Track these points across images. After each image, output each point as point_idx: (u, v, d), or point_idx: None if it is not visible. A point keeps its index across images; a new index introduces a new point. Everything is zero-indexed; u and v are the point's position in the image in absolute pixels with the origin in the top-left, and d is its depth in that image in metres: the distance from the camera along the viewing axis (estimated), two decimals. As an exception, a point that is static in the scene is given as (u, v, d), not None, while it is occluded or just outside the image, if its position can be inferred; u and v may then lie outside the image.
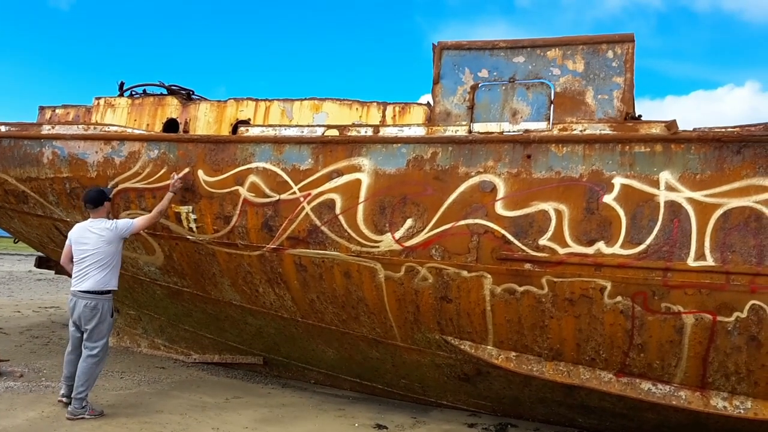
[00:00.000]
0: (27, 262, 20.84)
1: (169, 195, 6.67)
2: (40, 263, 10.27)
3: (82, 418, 5.92)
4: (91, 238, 6.14)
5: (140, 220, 6.48)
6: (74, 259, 6.19)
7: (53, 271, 10.25)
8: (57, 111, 9.35)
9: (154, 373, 7.90)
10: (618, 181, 5.40)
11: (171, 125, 8.24)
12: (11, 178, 7.96)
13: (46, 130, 7.74)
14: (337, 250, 6.31)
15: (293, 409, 6.85)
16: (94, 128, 7.60)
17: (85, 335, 6.11)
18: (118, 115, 8.72)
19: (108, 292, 6.13)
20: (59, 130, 7.69)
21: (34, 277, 17.22)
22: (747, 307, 5.06)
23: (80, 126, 7.72)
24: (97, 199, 6.28)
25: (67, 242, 6.33)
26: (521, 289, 5.65)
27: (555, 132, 5.72)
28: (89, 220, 6.29)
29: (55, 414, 6.01)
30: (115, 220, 6.38)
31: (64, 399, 6.18)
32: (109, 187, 6.77)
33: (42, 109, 9.48)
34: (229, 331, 7.95)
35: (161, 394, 7.04)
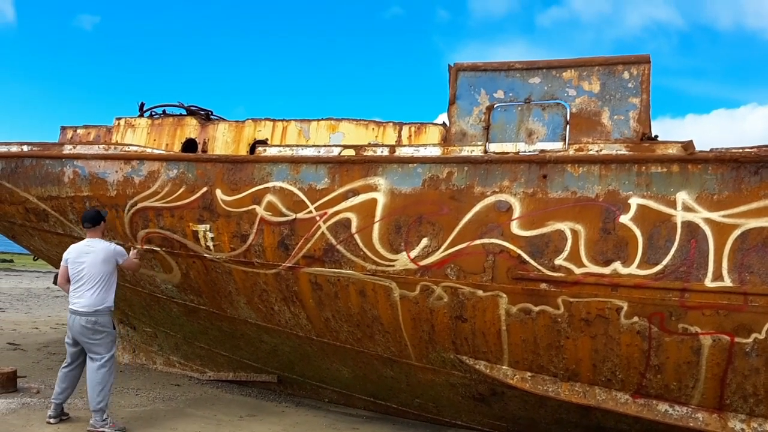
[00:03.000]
0: (45, 279, 21.04)
1: (136, 262, 6.86)
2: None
3: (104, 431, 5.97)
4: (89, 257, 6.23)
5: (131, 260, 6.67)
6: (71, 278, 6.30)
7: (71, 289, 10.32)
8: (78, 131, 9.52)
9: (169, 390, 7.93)
10: (634, 201, 5.40)
11: (190, 145, 8.36)
12: (32, 196, 8.09)
13: (67, 149, 7.87)
14: (352, 269, 6.34)
15: (307, 428, 6.85)
16: (115, 148, 7.72)
17: (89, 350, 6.20)
18: (138, 135, 8.86)
19: (107, 309, 6.23)
20: (80, 149, 7.82)
21: (53, 294, 17.36)
22: (765, 328, 5.01)
23: (101, 146, 7.85)
24: (95, 218, 6.43)
25: (62, 263, 6.42)
26: (537, 308, 5.64)
27: (571, 152, 5.74)
28: (86, 239, 6.43)
29: (71, 430, 6.05)
30: (114, 245, 6.53)
31: (52, 420, 6.23)
32: (104, 210, 6.92)
33: (63, 129, 9.65)
34: (244, 348, 7.98)
35: (176, 411, 7.07)
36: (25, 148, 8.12)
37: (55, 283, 10.39)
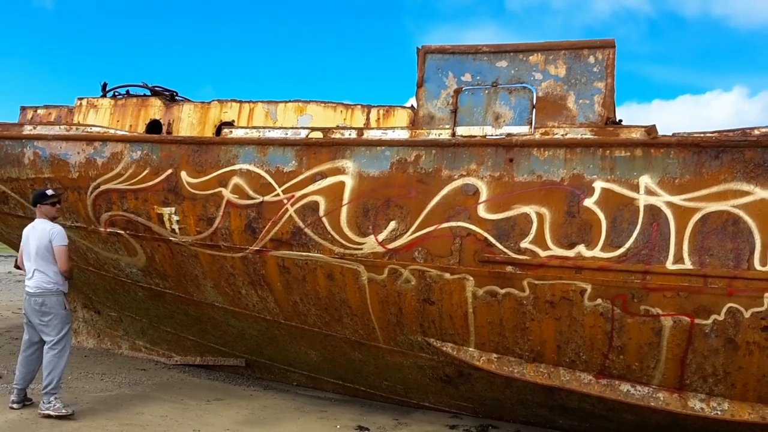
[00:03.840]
0: (6, 263, 20.61)
1: (64, 257, 6.16)
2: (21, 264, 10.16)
3: (49, 414, 5.89)
4: (33, 237, 6.13)
5: (62, 251, 6.11)
6: (24, 259, 6.28)
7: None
8: (39, 111, 9.28)
9: (135, 375, 7.85)
10: (598, 185, 5.47)
11: (154, 126, 8.22)
12: (-9, 178, 7.88)
13: (27, 130, 7.68)
14: (320, 252, 6.32)
15: (275, 411, 6.85)
16: (77, 129, 7.56)
17: (41, 332, 6.12)
18: (100, 116, 8.67)
19: (54, 289, 6.09)
20: (41, 130, 7.64)
21: (14, 279, 17.02)
22: (724, 309, 5.14)
23: (62, 126, 7.67)
24: (35, 199, 6.32)
25: (21, 242, 6.35)
26: (503, 291, 5.70)
27: (537, 136, 5.78)
28: (36, 219, 6.30)
29: (34, 416, 5.95)
30: (56, 227, 6.21)
31: (15, 406, 6.13)
32: (49, 191, 6.38)
33: (24, 109, 9.41)
34: (212, 333, 7.92)
35: (142, 396, 7.00)
36: (-17, 129, 7.89)
37: (16, 266, 10.22)
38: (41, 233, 6.09)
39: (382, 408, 7.24)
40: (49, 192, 6.32)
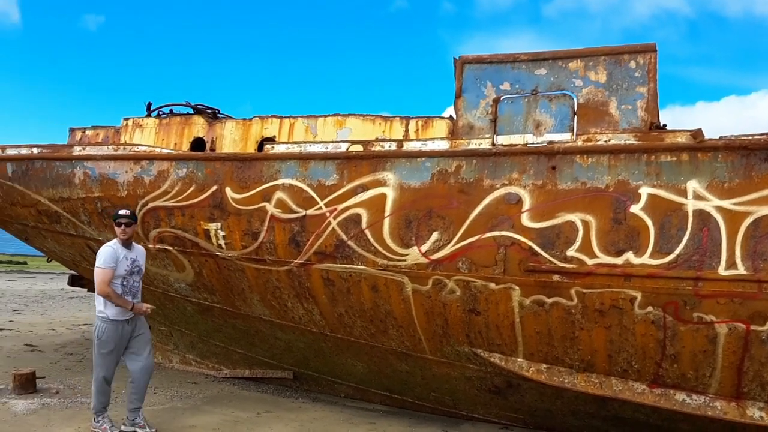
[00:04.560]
0: (59, 280, 21.21)
1: (128, 304, 5.91)
2: (73, 281, 10.47)
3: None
4: None
5: (96, 273, 5.88)
6: None
7: (86, 289, 10.43)
8: (87, 132, 9.56)
9: (186, 389, 8.00)
10: (645, 191, 5.37)
11: (198, 144, 8.38)
12: (44, 198, 8.14)
13: (77, 151, 7.91)
14: (364, 264, 6.35)
15: (324, 423, 6.89)
16: (124, 148, 7.76)
17: None
18: (146, 135, 8.89)
19: (97, 314, 5.91)
20: (90, 151, 7.86)
21: (67, 295, 17.52)
22: None
23: (110, 146, 7.88)
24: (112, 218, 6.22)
25: None
26: (550, 300, 5.64)
27: (579, 143, 5.71)
28: None
29: (91, 430, 6.11)
30: (104, 247, 6.01)
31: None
32: (123, 210, 6.14)
33: (72, 130, 9.71)
34: (259, 345, 8.02)
35: (194, 409, 7.13)
36: (35, 151, 8.17)
37: (70, 284, 10.53)
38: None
39: (431, 419, 7.22)
40: (123, 211, 6.08)
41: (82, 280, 10.10)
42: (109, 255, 5.88)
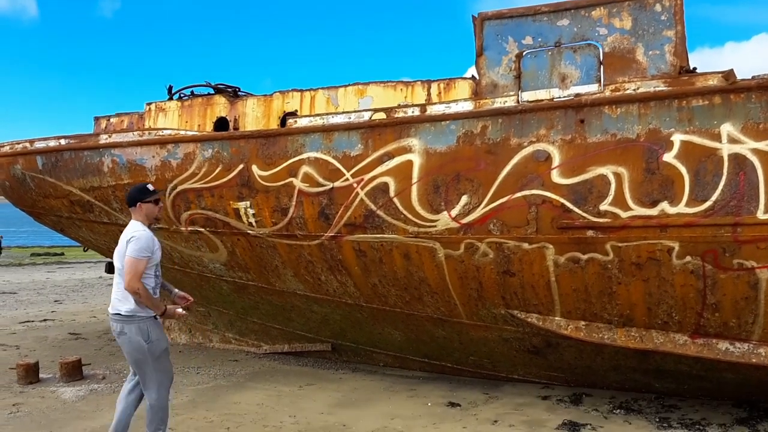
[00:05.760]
0: (97, 268, 21.63)
1: (159, 308, 4.71)
2: (110, 268, 10.64)
3: None
4: (121, 243, 4.75)
5: (132, 264, 4.55)
6: None
7: (123, 275, 10.60)
8: (111, 120, 9.65)
9: (228, 367, 8.13)
10: (677, 138, 5.23)
11: (221, 124, 8.40)
12: (75, 188, 8.25)
13: (103, 139, 7.98)
14: (394, 233, 6.33)
15: (365, 392, 6.95)
16: (149, 133, 7.79)
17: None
18: (169, 119, 8.93)
19: (132, 315, 4.62)
20: (116, 138, 7.92)
21: (105, 283, 17.85)
22: None
23: (135, 132, 7.92)
24: (133, 198, 4.85)
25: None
26: (585, 257, 5.56)
27: (607, 93, 5.56)
28: (131, 221, 4.90)
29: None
30: (141, 230, 4.72)
31: None
32: (151, 185, 4.99)
33: (97, 119, 9.81)
34: (296, 320, 8.09)
35: (237, 386, 7.24)
36: (63, 142, 8.26)
37: (107, 271, 10.70)
38: (127, 236, 4.70)
39: (471, 383, 7.24)
40: (151, 186, 4.94)
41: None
42: (148, 241, 4.68)
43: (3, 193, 9.54)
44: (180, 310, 4.94)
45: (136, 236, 4.64)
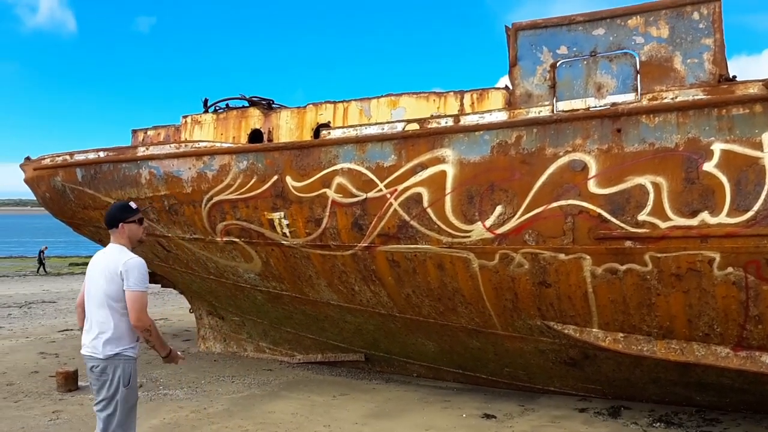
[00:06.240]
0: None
1: (161, 347, 4.22)
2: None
3: None
4: (97, 270, 4.12)
5: (138, 298, 3.99)
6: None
7: (159, 285, 10.74)
8: (149, 132, 9.84)
9: (262, 376, 8.18)
10: (717, 147, 5.14)
11: (255, 136, 8.51)
12: (114, 200, 8.40)
13: (141, 151, 8.13)
14: (428, 243, 6.32)
15: (399, 403, 6.93)
16: (185, 146, 7.92)
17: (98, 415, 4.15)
18: (205, 131, 9.07)
19: (118, 354, 4.03)
20: (153, 150, 8.06)
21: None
22: None
23: (172, 145, 8.05)
24: (115, 218, 4.18)
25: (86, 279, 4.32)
26: (623, 267, 5.48)
27: (644, 102, 5.50)
28: (109, 245, 4.22)
29: (176, 420, 6.32)
30: (134, 258, 4.05)
31: None
32: (133, 203, 4.29)
33: (135, 132, 10.01)
34: (329, 330, 8.12)
35: (271, 395, 7.28)
36: (102, 155, 8.44)
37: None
38: (111, 263, 4.03)
39: (507, 395, 7.17)
40: (134, 204, 4.33)
41: (155, 276, 10.41)
42: (146, 268, 4.13)
43: (43, 204, 9.77)
44: (180, 354, 4.45)
45: (133, 264, 4.01)
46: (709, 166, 5.15)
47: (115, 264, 4.01)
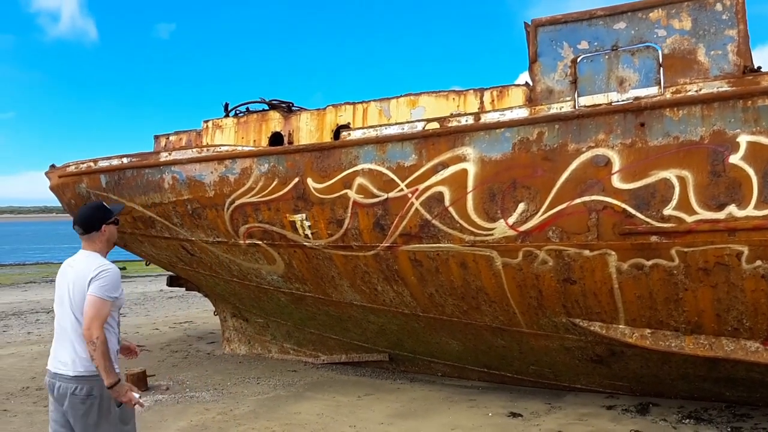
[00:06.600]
0: (158, 282, 22.18)
1: (105, 372, 3.50)
2: (171, 282, 10.90)
3: None
4: (68, 279, 3.73)
5: (96, 304, 3.55)
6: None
7: (184, 288, 10.85)
8: (171, 138, 9.94)
9: (287, 377, 8.22)
10: (744, 139, 5.07)
11: (276, 138, 8.55)
12: (138, 205, 8.50)
13: (163, 157, 8.20)
14: (450, 242, 6.30)
15: (424, 403, 6.92)
16: (207, 150, 7.97)
17: None
18: (226, 135, 9.14)
19: (91, 369, 3.57)
20: (175, 155, 8.13)
21: (166, 296, 18.29)
22: None
23: (194, 150, 8.11)
24: (92, 221, 3.84)
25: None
26: (649, 263, 5.42)
27: (668, 96, 5.43)
28: (79, 251, 3.89)
29: (203, 422, 6.37)
30: (106, 264, 3.72)
31: None
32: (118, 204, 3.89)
33: (157, 137, 10.11)
34: (353, 330, 8.13)
35: (297, 396, 7.31)
36: (125, 161, 8.53)
37: (168, 284, 10.98)
38: (84, 271, 3.66)
39: (532, 393, 7.13)
40: (107, 203, 4.05)
41: (179, 279, 10.52)
42: (118, 277, 3.75)
43: (69, 211, 9.90)
44: (137, 396, 3.67)
45: (104, 270, 3.64)
46: (735, 159, 5.08)
47: (87, 269, 3.64)
